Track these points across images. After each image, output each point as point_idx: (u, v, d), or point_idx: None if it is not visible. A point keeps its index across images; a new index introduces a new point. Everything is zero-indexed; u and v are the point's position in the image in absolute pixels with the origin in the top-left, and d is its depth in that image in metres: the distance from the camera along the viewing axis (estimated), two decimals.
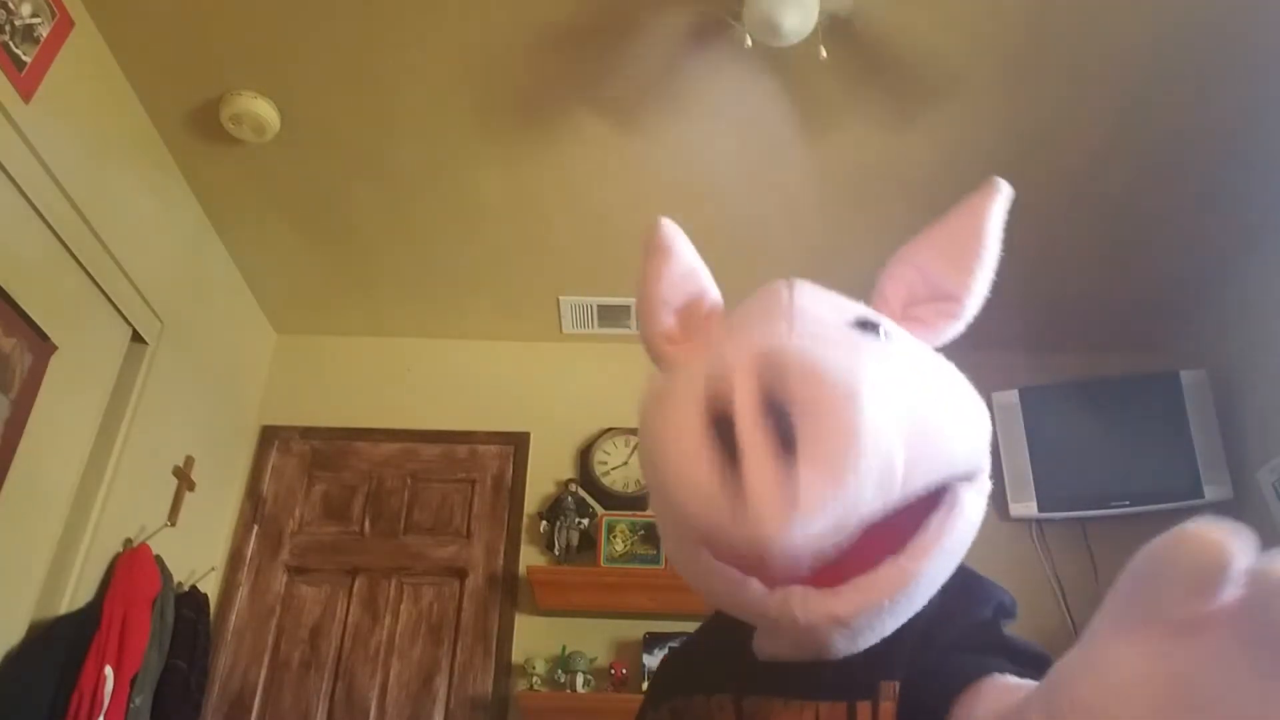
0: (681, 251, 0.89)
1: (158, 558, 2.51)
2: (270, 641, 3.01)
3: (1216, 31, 2.22)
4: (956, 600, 0.72)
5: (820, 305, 0.76)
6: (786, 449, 0.56)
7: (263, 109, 2.45)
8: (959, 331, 0.84)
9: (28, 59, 2.01)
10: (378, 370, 3.48)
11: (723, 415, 0.59)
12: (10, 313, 2.06)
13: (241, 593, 3.06)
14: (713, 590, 0.70)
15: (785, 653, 0.71)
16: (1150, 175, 2.67)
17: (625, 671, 2.86)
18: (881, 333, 0.73)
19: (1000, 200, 0.84)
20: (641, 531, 3.03)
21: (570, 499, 3.11)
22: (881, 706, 0.68)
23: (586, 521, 3.07)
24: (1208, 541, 0.39)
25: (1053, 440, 3.14)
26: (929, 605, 0.68)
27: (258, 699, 2.92)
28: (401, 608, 3.08)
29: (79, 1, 2.19)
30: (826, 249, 2.95)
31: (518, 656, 2.95)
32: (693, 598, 0.74)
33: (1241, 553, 0.38)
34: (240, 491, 3.22)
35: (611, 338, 3.46)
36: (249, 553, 3.13)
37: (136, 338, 2.56)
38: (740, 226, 2.87)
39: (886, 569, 0.64)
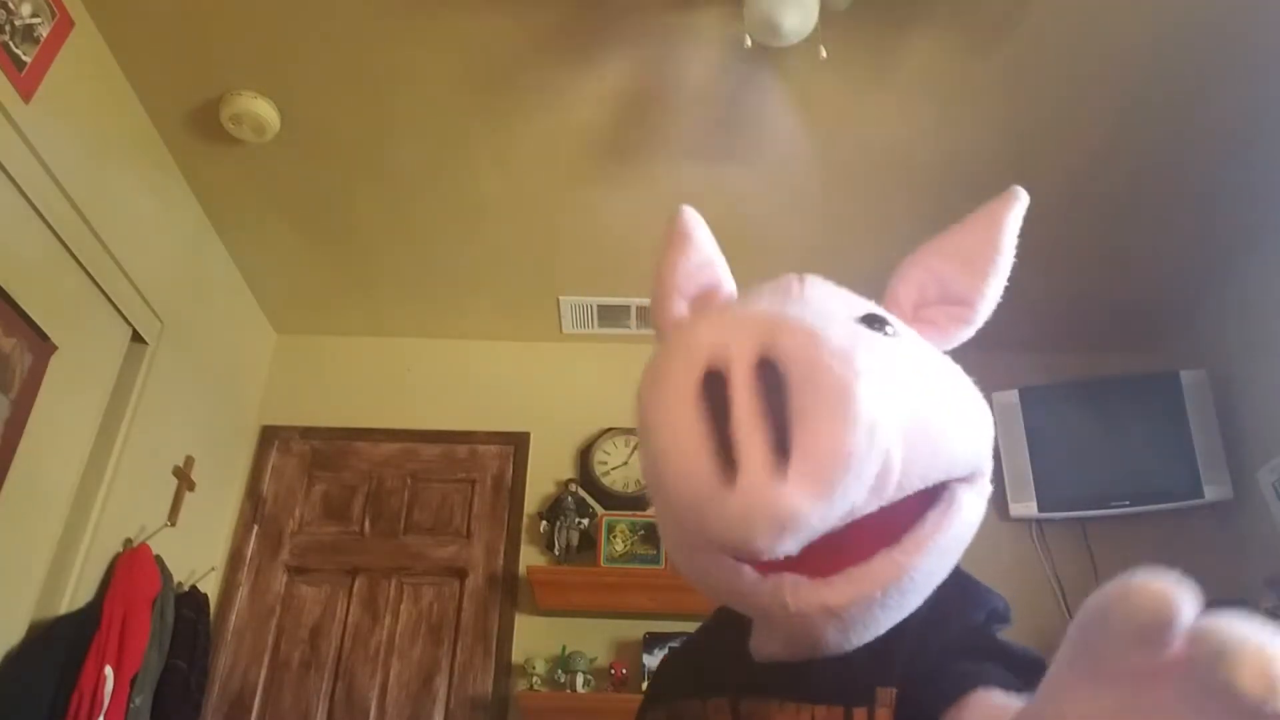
0: (701, 241, 0.89)
1: (158, 558, 2.51)
2: (270, 641, 3.01)
3: (1216, 31, 2.22)
4: (950, 604, 0.71)
5: (829, 299, 0.75)
6: (781, 443, 0.55)
7: (263, 109, 2.45)
8: (969, 336, 0.84)
9: (28, 59, 2.01)
10: (378, 370, 3.48)
11: (716, 372, 0.58)
12: (10, 313, 2.06)
13: (241, 593, 3.06)
14: (708, 579, 0.70)
15: (781, 651, 0.71)
16: (1150, 175, 2.67)
17: (625, 671, 2.86)
18: (888, 330, 0.72)
19: (1018, 208, 0.84)
20: (641, 531, 3.03)
21: (570, 499, 3.11)
22: (878, 714, 0.68)
23: (586, 521, 3.07)
24: (1153, 596, 0.40)
25: (1053, 440, 3.14)
26: (923, 609, 0.67)
27: (258, 699, 2.92)
28: (401, 608, 3.08)
29: (79, 1, 2.19)
30: (828, 248, 2.95)
31: (518, 656, 2.95)
32: (693, 598, 0.74)
33: (1186, 606, 0.39)
34: (240, 491, 3.22)
35: (611, 338, 3.46)
36: (249, 553, 3.13)
37: (136, 338, 2.56)
38: (741, 226, 2.86)
39: (880, 561, 0.64)
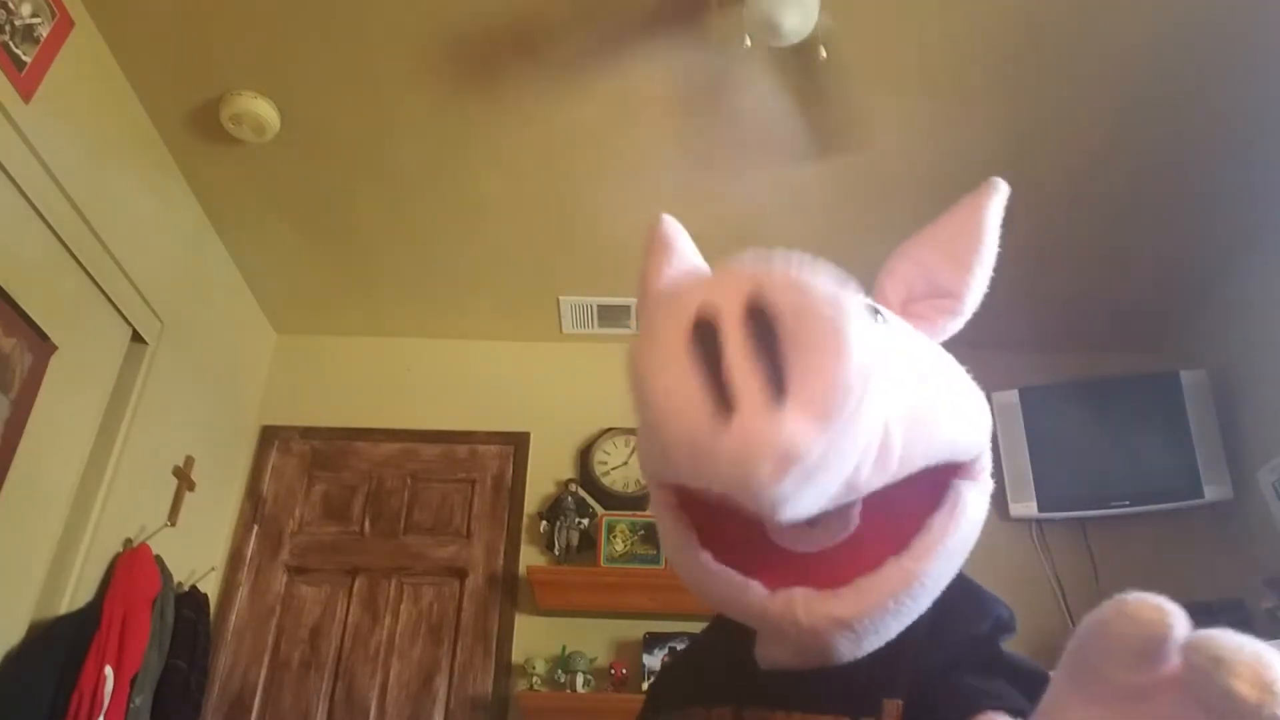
0: (683, 248, 0.90)
1: (158, 558, 2.51)
2: (270, 641, 3.01)
3: (1216, 32, 2.22)
4: (955, 613, 0.71)
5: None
6: (775, 383, 0.55)
7: (263, 109, 2.45)
8: (958, 328, 0.84)
9: (28, 59, 2.01)
10: (378, 370, 3.48)
11: (706, 324, 0.57)
12: (10, 313, 2.06)
13: (241, 593, 3.06)
14: (714, 593, 0.69)
15: (787, 660, 0.69)
16: (1150, 175, 2.67)
17: (625, 671, 2.86)
18: (879, 318, 0.72)
19: (998, 198, 0.85)
20: (641, 531, 3.03)
21: (570, 499, 3.11)
22: None
23: (586, 521, 3.07)
24: (1148, 614, 0.41)
25: (1053, 440, 3.14)
26: (928, 616, 0.67)
27: (258, 699, 2.92)
28: (401, 608, 3.08)
29: (79, 1, 2.19)
30: (827, 248, 2.90)
31: (518, 656, 2.95)
32: (693, 598, 0.73)
33: (1179, 623, 0.40)
34: (240, 491, 3.22)
35: (611, 338, 3.46)
36: (249, 553, 3.13)
37: (136, 338, 2.56)
38: (741, 226, 2.86)
39: (890, 569, 0.63)
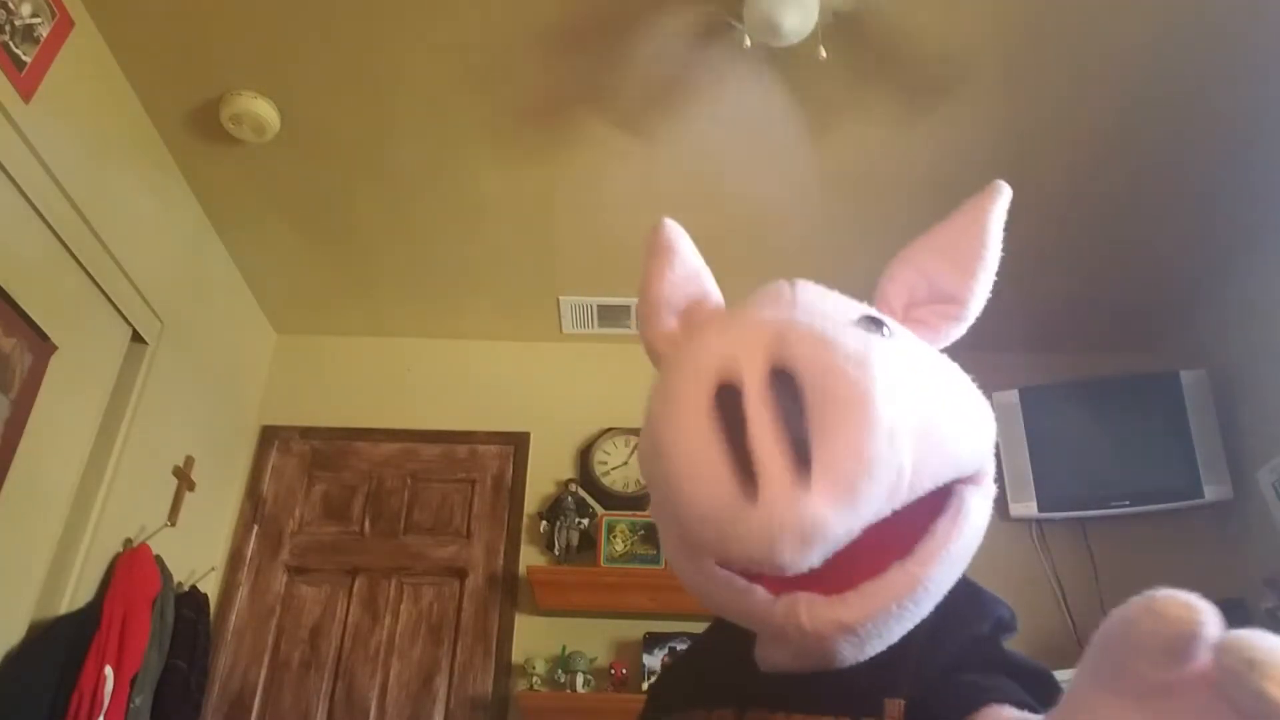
0: (684, 252, 0.89)
1: (158, 558, 2.51)
2: (270, 641, 3.01)
3: (1216, 32, 2.22)
4: (957, 614, 0.71)
5: (823, 302, 0.75)
6: (800, 454, 0.54)
7: (263, 109, 2.45)
8: (962, 333, 0.83)
9: (28, 59, 2.01)
10: (378, 370, 3.48)
11: (728, 386, 0.57)
12: (10, 313, 2.06)
13: (241, 593, 3.06)
14: (715, 598, 0.69)
15: (789, 663, 0.69)
16: (1150, 175, 2.67)
17: (625, 671, 2.86)
18: (885, 331, 0.72)
19: (1001, 202, 0.84)
20: (641, 531, 3.03)
21: (570, 499, 3.11)
22: None
23: (586, 521, 3.07)
24: (1178, 611, 0.41)
25: (1053, 440, 3.14)
26: (930, 617, 0.67)
27: (258, 699, 2.92)
28: (401, 608, 3.08)
29: (79, 1, 2.18)
30: (828, 249, 2.95)
31: (518, 656, 2.95)
32: (693, 598, 0.73)
33: (1210, 621, 0.40)
34: (240, 491, 3.22)
35: (611, 338, 3.46)
36: (249, 553, 3.13)
37: (136, 338, 2.56)
38: (741, 226, 2.87)
39: (894, 574, 0.63)
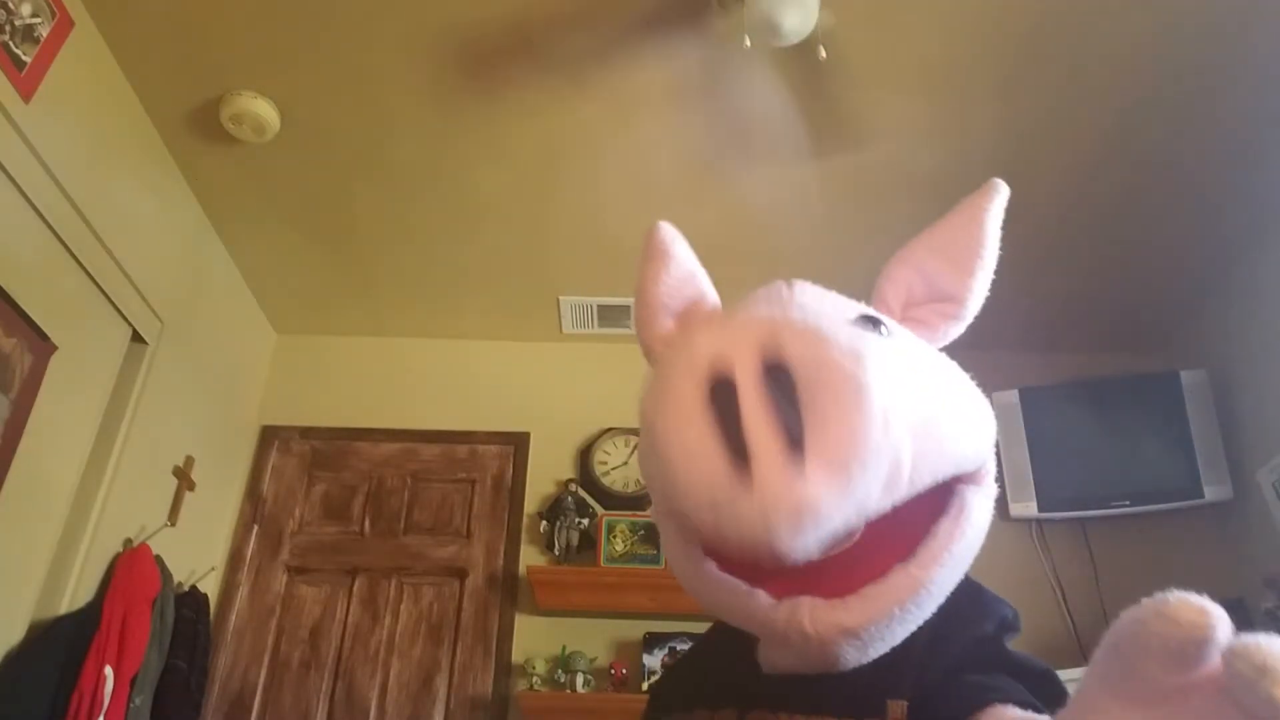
0: (680, 255, 0.89)
1: (158, 558, 2.51)
2: (270, 641, 3.01)
3: (1217, 32, 2.22)
4: (960, 614, 0.70)
5: (821, 302, 0.75)
6: (793, 437, 0.54)
7: (263, 109, 2.45)
8: (960, 332, 0.83)
9: (28, 59, 2.01)
10: (378, 370, 3.48)
11: (725, 391, 0.57)
12: (10, 313, 2.06)
13: (241, 593, 3.06)
14: (717, 602, 0.69)
15: (791, 665, 0.69)
16: (1150, 175, 2.67)
17: (625, 671, 2.86)
18: (883, 329, 0.72)
19: (998, 200, 0.84)
20: (641, 531, 3.03)
21: (570, 499, 3.11)
22: None
23: (586, 521, 3.07)
24: (1190, 615, 0.41)
25: (1053, 440, 3.13)
26: (933, 618, 0.67)
27: (258, 699, 2.92)
28: (401, 608, 3.08)
29: (79, 1, 2.18)
30: (828, 249, 2.95)
31: (518, 656, 2.95)
32: (694, 599, 0.73)
33: (1222, 625, 0.40)
34: (240, 491, 3.21)
35: (611, 338, 3.46)
36: (249, 553, 3.13)
37: (136, 338, 2.56)
38: (741, 227, 2.87)
39: (897, 577, 0.63)
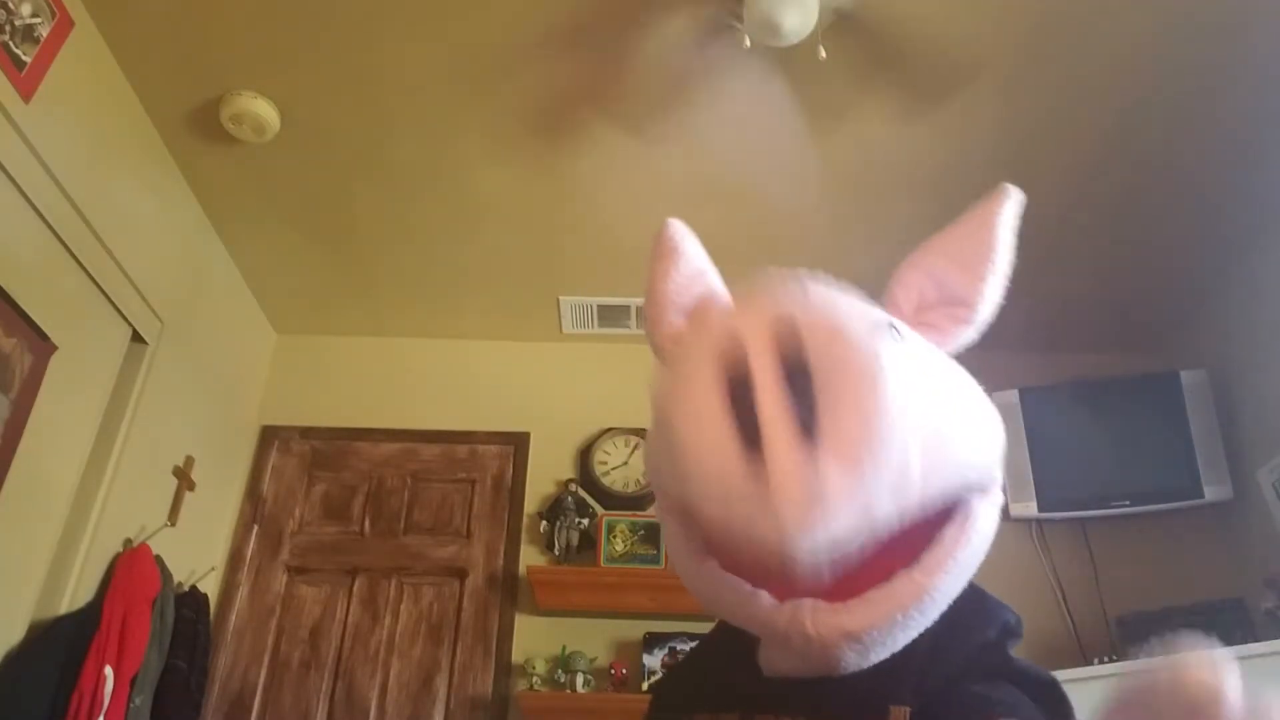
0: (690, 252, 0.88)
1: (158, 558, 2.51)
2: (270, 641, 3.01)
3: (1217, 32, 2.22)
4: (963, 619, 0.70)
5: (836, 297, 0.75)
6: (806, 427, 0.54)
7: (263, 109, 2.45)
8: (972, 337, 0.82)
9: (28, 59, 2.01)
10: (378, 370, 3.48)
11: (739, 379, 0.56)
12: (10, 313, 2.06)
13: (241, 593, 3.06)
14: (720, 602, 0.69)
15: (792, 668, 0.69)
16: (1151, 175, 2.67)
17: (625, 671, 2.86)
18: (896, 333, 0.71)
19: (1011, 205, 0.83)
20: (641, 531, 3.03)
21: (570, 499, 3.11)
22: None
23: (586, 521, 3.07)
24: (1203, 677, 0.40)
25: (1053, 440, 3.13)
26: (936, 623, 0.67)
27: (258, 699, 2.92)
28: (401, 608, 3.08)
29: (79, 1, 2.18)
30: (828, 249, 2.95)
31: (518, 656, 2.95)
32: (693, 598, 0.72)
33: (1231, 687, 0.40)
34: (240, 491, 3.21)
35: (611, 338, 3.46)
36: (249, 553, 3.13)
37: (136, 338, 2.56)
38: (741, 226, 2.86)
39: (900, 582, 0.63)
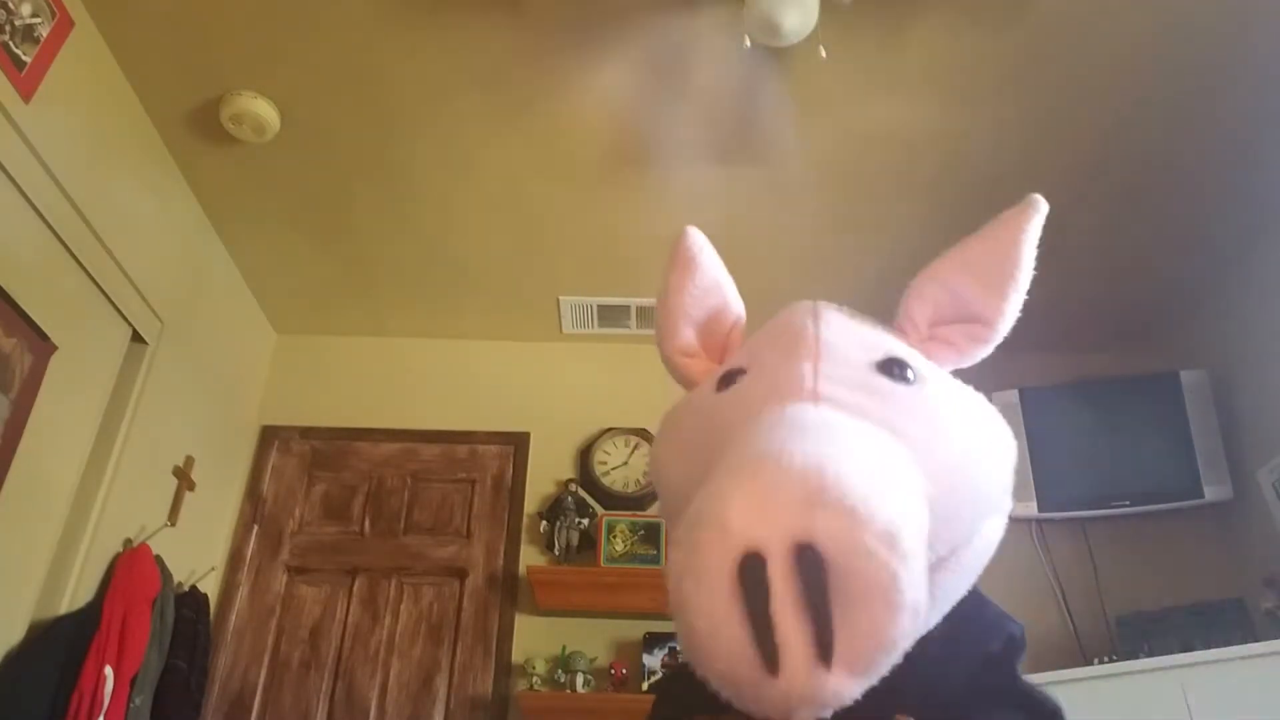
0: (706, 264, 0.87)
1: (158, 558, 2.50)
2: (270, 641, 3.00)
3: (1217, 32, 2.22)
4: (966, 630, 0.70)
5: (845, 340, 0.74)
6: (822, 644, 0.54)
7: (263, 109, 2.45)
8: (987, 354, 0.81)
9: (28, 59, 2.01)
10: (378, 370, 3.48)
11: (752, 556, 0.56)
12: (10, 313, 2.06)
13: (241, 593, 3.06)
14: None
15: None
16: (1150, 176, 2.67)
17: (625, 671, 2.85)
18: (910, 374, 0.71)
19: (1037, 219, 0.81)
20: (641, 531, 3.03)
21: (570, 499, 3.11)
22: None
23: (586, 521, 3.07)
24: None
25: (1053, 440, 3.13)
26: (940, 631, 0.67)
27: (258, 699, 2.92)
28: (401, 608, 3.08)
29: (79, 1, 2.19)
30: (828, 250, 2.96)
31: (518, 656, 2.95)
32: None
33: None
34: (240, 491, 3.21)
35: (611, 338, 3.46)
36: (249, 553, 3.13)
37: (136, 338, 2.56)
38: (741, 227, 2.87)
39: None
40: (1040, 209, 0.81)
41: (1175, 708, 2.35)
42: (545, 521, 3.10)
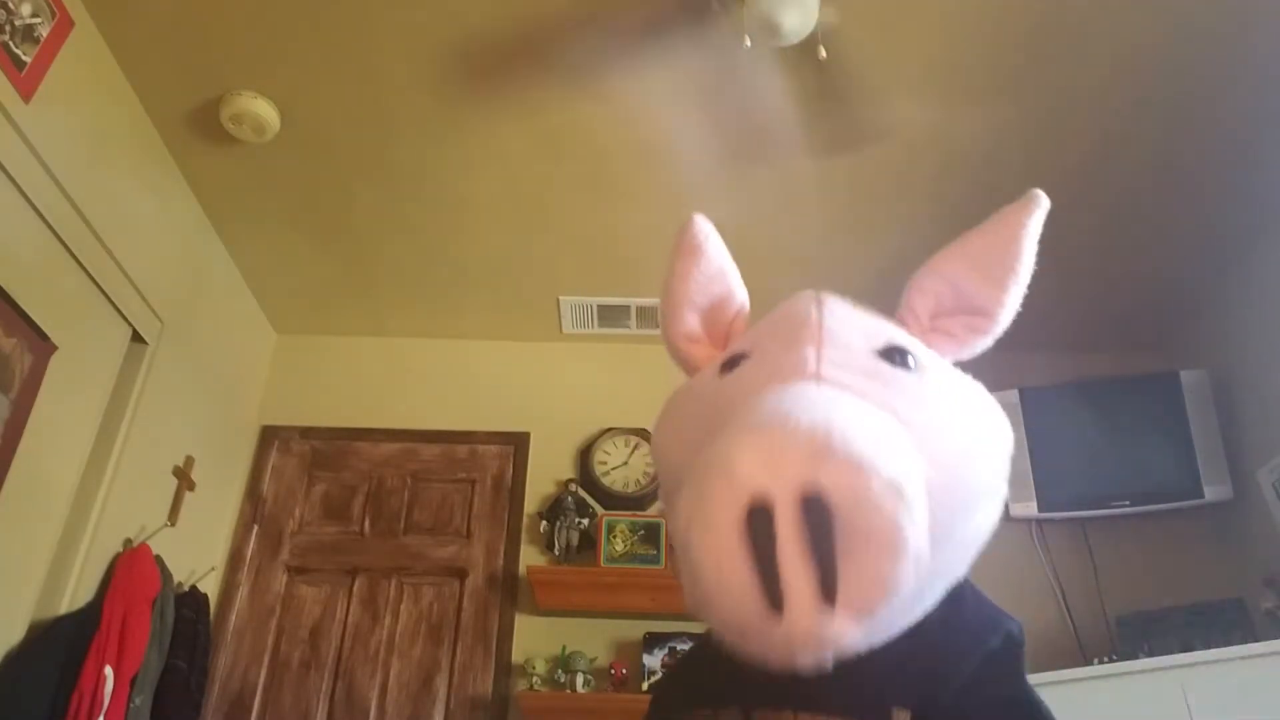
0: (712, 252, 0.88)
1: (158, 558, 2.51)
2: (270, 641, 3.01)
3: (1217, 32, 2.22)
4: (964, 626, 0.71)
5: (848, 328, 0.74)
6: (826, 586, 0.55)
7: (263, 109, 2.45)
8: (987, 346, 0.82)
9: (28, 59, 2.01)
10: (378, 370, 3.48)
11: (760, 505, 0.57)
12: (10, 313, 2.06)
13: (241, 593, 3.06)
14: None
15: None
16: (1151, 176, 2.67)
17: (625, 671, 2.85)
18: (912, 361, 0.71)
19: (1039, 214, 0.82)
20: (641, 531, 3.03)
21: (570, 499, 3.11)
22: None
23: (586, 521, 3.07)
24: None
25: (1053, 440, 3.13)
26: (938, 625, 0.67)
27: (258, 699, 2.92)
28: (401, 608, 3.08)
29: (79, 1, 2.19)
30: (828, 250, 2.96)
31: (518, 656, 2.95)
32: None
33: None
34: (240, 491, 3.21)
35: (611, 338, 3.46)
36: (249, 553, 3.13)
37: (136, 338, 2.56)
38: (741, 227, 2.85)
39: None
40: (1042, 203, 0.82)
41: (1175, 708, 2.34)
42: (545, 521, 3.10)
